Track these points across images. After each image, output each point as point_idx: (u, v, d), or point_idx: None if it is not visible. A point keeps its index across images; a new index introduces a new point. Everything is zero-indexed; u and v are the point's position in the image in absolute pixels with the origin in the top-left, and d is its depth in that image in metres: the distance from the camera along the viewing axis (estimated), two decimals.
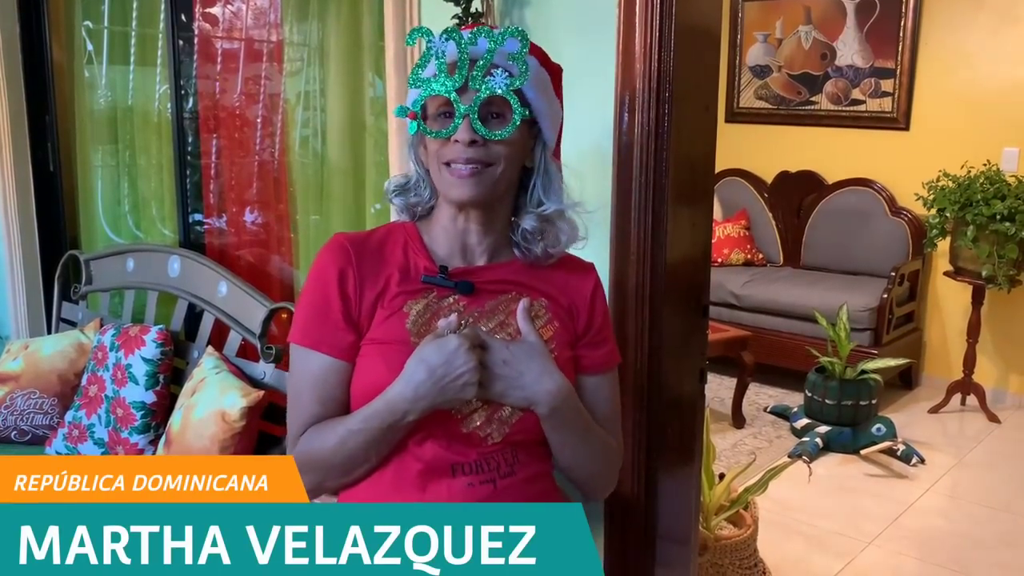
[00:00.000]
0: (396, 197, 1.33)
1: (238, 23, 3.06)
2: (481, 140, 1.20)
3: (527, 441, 1.26)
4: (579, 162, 1.74)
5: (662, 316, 1.66)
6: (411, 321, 1.25)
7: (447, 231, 1.30)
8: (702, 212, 1.82)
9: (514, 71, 1.20)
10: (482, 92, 1.19)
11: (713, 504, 2.71)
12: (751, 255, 5.28)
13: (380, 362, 1.24)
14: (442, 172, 1.24)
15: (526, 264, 1.32)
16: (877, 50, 4.90)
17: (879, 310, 4.49)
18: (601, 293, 1.37)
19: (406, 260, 1.29)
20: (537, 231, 1.29)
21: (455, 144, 1.21)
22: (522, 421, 1.24)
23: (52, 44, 3.29)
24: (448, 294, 1.27)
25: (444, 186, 1.25)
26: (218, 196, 3.13)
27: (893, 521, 3.39)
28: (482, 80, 1.19)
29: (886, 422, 3.96)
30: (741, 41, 5.41)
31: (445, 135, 1.21)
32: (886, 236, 4.85)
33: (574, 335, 1.32)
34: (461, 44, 1.19)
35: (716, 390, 4.57)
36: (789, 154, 5.25)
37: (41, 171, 3.33)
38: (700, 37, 1.72)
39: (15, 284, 3.36)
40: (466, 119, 1.19)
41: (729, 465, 3.74)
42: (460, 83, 1.19)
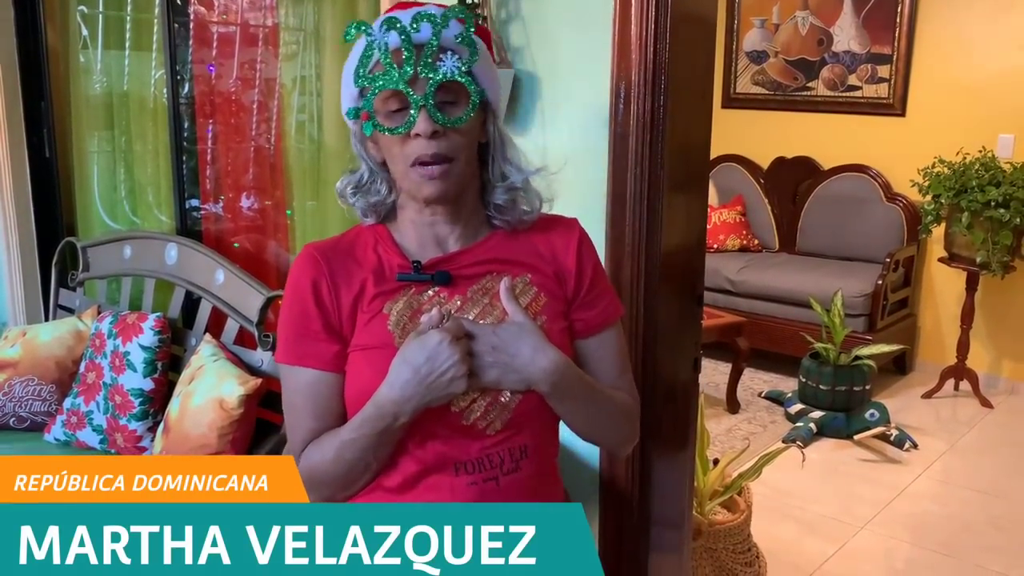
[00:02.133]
0: (357, 199, 1.28)
1: (233, 7, 3.05)
2: (442, 130, 1.17)
3: (530, 425, 1.24)
4: (574, 152, 1.75)
5: (656, 306, 1.67)
6: (393, 322, 1.23)
7: (416, 224, 1.27)
8: (697, 201, 1.83)
9: (463, 53, 1.17)
10: (435, 80, 1.15)
11: (707, 489, 2.73)
12: (747, 241, 5.29)
13: (366, 368, 1.21)
14: (409, 172, 1.20)
15: (505, 234, 1.29)
16: (874, 36, 4.89)
17: (874, 296, 4.51)
18: (588, 246, 1.32)
19: (379, 260, 1.26)
20: (509, 201, 1.28)
21: (416, 139, 1.17)
22: (522, 404, 1.22)
23: (47, 29, 3.27)
24: (426, 288, 1.24)
25: (413, 186, 1.21)
26: (214, 182, 3.13)
27: (886, 506, 3.43)
28: (432, 67, 1.15)
29: (879, 407, 3.99)
30: (738, 27, 5.40)
31: (403, 131, 1.16)
32: (881, 222, 4.86)
33: (565, 301, 1.29)
34: (404, 33, 1.14)
35: (711, 375, 4.59)
36: (785, 140, 5.25)
37: (37, 157, 3.33)
38: (696, 25, 1.73)
39: (12, 271, 3.36)
40: (423, 110, 1.15)
41: (723, 450, 3.77)
42: (410, 74, 1.15)
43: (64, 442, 2.69)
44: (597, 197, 1.72)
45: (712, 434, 3.92)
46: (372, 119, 1.18)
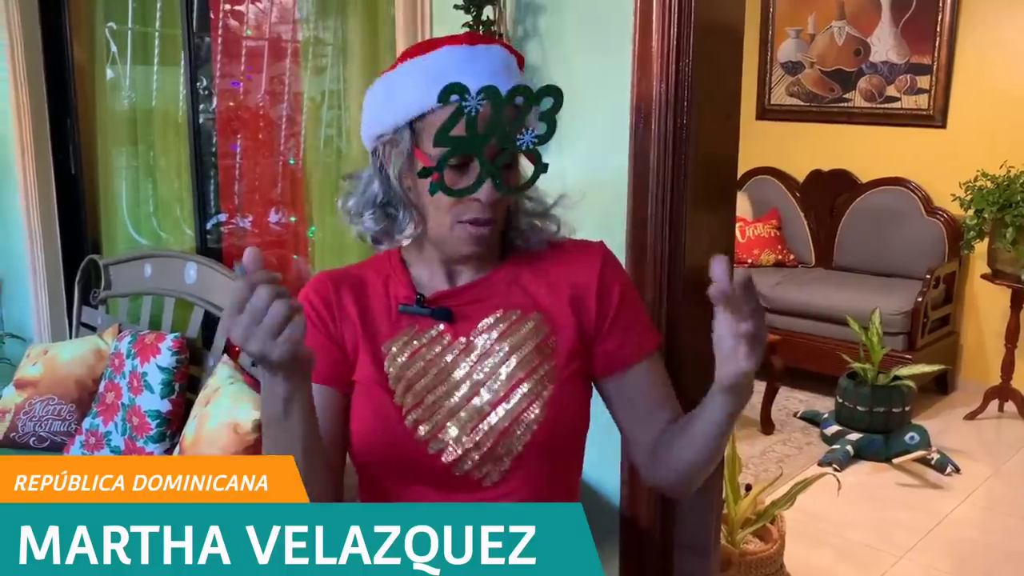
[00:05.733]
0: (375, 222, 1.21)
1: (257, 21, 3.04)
2: (503, 198, 1.14)
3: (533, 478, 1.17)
4: (593, 174, 1.68)
5: (680, 331, 1.60)
6: (389, 360, 1.18)
7: (430, 260, 1.22)
8: (724, 220, 1.75)
9: (542, 131, 1.11)
10: (510, 152, 1.11)
11: (738, 518, 2.64)
12: (782, 256, 5.17)
13: (359, 403, 1.17)
14: (455, 228, 1.15)
15: (519, 262, 1.22)
16: (913, 46, 4.77)
17: (913, 313, 4.37)
18: (614, 267, 1.24)
19: (387, 294, 1.22)
20: (529, 226, 1.23)
21: (475, 202, 1.13)
22: (522, 456, 1.15)
23: (73, 45, 3.28)
24: (429, 327, 1.19)
25: (452, 241, 1.16)
26: (238, 198, 3.11)
27: (926, 533, 3.29)
28: (512, 142, 1.10)
29: (919, 430, 3.85)
30: (772, 37, 5.30)
31: (467, 193, 1.11)
32: (921, 237, 4.73)
33: (582, 330, 1.19)
34: (498, 103, 1.07)
35: None
36: (822, 152, 5.14)
37: (62, 174, 3.33)
38: (721, 37, 1.64)
39: (37, 288, 3.36)
40: (489, 178, 1.11)
41: (757, 472, 3.66)
42: (489, 142, 1.09)
43: (65, 456, 2.66)
44: (618, 218, 1.65)
45: (745, 456, 3.82)
46: (442, 181, 1.11)
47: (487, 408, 1.16)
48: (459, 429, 1.16)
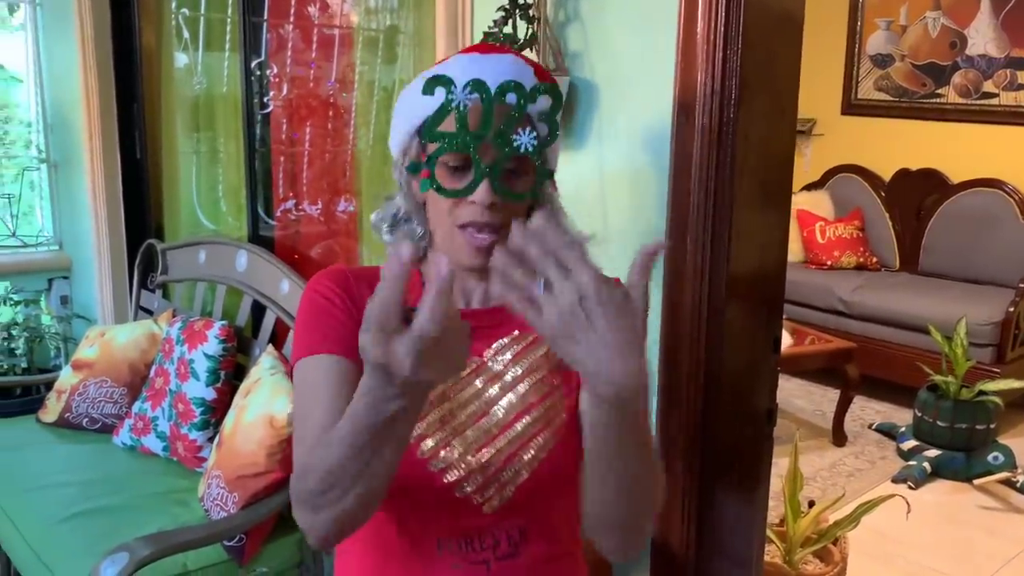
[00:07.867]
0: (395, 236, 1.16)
1: (331, 9, 3.01)
2: (500, 202, 1.06)
3: (537, 507, 1.09)
4: (632, 169, 1.57)
5: (722, 349, 1.47)
6: None
7: None
8: (775, 226, 1.61)
9: (542, 131, 1.05)
10: (506, 153, 1.04)
11: (798, 537, 2.49)
12: (864, 258, 4.94)
13: None
14: (455, 234, 1.08)
15: None
16: (1014, 38, 4.49)
17: (1003, 324, 4.11)
18: None
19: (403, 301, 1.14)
20: None
21: (471, 205, 1.06)
22: (528, 483, 1.07)
23: (143, 32, 3.30)
24: None
25: (455, 250, 1.09)
26: (288, 187, 3.09)
27: (1007, 561, 3.07)
28: (507, 140, 1.03)
29: (1004, 450, 3.61)
30: (861, 28, 5.06)
31: (462, 194, 1.05)
32: (1015, 243, 4.47)
33: None
34: (488, 99, 1.02)
35: (818, 403, 4.28)
36: (910, 150, 4.90)
37: (128, 158, 3.36)
38: (777, 25, 1.51)
39: (102, 271, 3.41)
40: (485, 178, 1.04)
41: (825, 487, 3.48)
42: (482, 139, 1.03)
43: (130, 447, 2.67)
44: (658, 220, 1.53)
45: (814, 469, 3.65)
46: (433, 179, 1.06)
47: (495, 430, 1.10)
48: (464, 448, 1.09)
